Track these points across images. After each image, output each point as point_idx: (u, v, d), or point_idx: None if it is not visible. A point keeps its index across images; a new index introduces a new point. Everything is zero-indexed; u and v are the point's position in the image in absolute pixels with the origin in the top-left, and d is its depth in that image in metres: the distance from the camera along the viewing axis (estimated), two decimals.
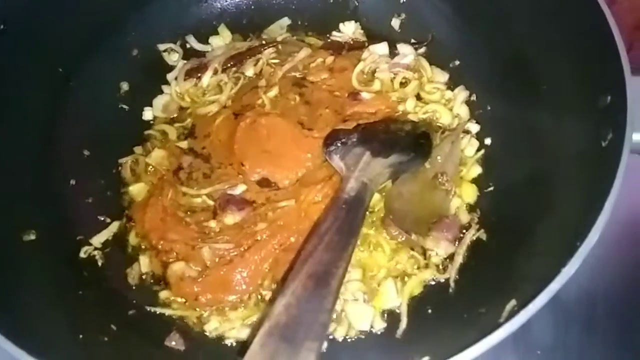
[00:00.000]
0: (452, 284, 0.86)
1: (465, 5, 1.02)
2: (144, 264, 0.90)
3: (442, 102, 1.04)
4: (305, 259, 0.70)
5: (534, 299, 0.59)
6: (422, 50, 1.10)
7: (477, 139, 0.99)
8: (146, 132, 1.03)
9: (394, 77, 1.06)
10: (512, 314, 0.62)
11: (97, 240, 0.92)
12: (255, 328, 0.82)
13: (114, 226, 0.94)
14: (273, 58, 1.09)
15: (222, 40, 1.13)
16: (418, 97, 1.05)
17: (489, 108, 1.01)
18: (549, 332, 0.94)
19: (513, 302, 0.66)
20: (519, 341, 0.93)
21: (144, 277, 0.89)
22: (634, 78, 0.68)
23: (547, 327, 0.94)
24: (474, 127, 1.00)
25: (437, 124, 1.01)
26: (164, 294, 0.87)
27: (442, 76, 1.07)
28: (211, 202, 0.93)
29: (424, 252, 0.90)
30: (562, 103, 0.82)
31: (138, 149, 1.02)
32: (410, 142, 0.96)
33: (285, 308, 0.64)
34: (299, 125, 1.00)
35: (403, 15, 1.13)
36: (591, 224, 0.61)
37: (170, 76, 1.08)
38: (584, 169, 0.73)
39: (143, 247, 0.92)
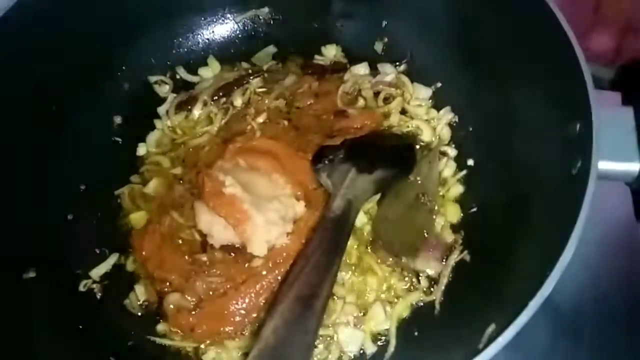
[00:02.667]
0: (437, 305, 0.89)
1: (445, 30, 1.05)
2: (140, 292, 0.93)
3: (425, 118, 1.07)
4: (293, 281, 0.74)
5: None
6: (402, 68, 1.13)
7: (459, 160, 1.02)
8: (141, 169, 1.06)
9: (378, 94, 1.10)
10: (491, 338, 0.65)
11: (96, 273, 0.95)
12: None
13: (112, 258, 0.97)
14: (260, 87, 1.12)
15: (210, 72, 1.16)
16: (403, 112, 1.08)
17: (471, 129, 1.03)
18: (539, 345, 0.97)
19: (493, 327, 0.69)
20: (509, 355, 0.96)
21: (143, 306, 0.92)
22: (599, 108, 0.71)
23: (536, 342, 0.97)
24: (452, 151, 1.03)
25: (419, 140, 1.05)
26: (161, 327, 0.90)
27: (425, 92, 1.10)
28: (198, 237, 0.95)
29: (416, 274, 0.93)
30: (537, 129, 0.84)
31: (135, 178, 1.05)
32: (395, 156, 0.99)
33: (273, 331, 0.68)
34: (291, 147, 1.03)
35: (385, 39, 1.16)
36: (559, 253, 0.64)
37: (161, 110, 1.11)
38: (557, 196, 0.75)
39: (139, 274, 0.95)
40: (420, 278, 0.92)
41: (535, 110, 0.85)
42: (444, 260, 0.93)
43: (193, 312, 0.88)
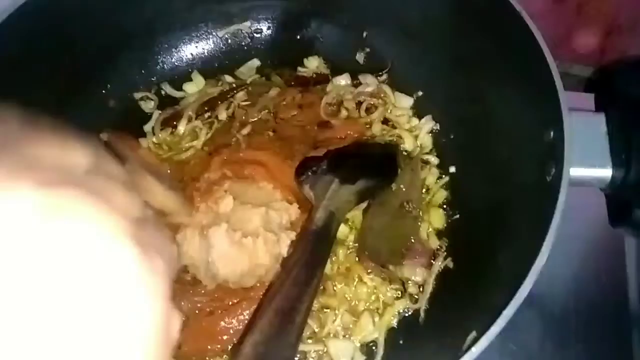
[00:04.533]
0: (422, 313, 0.90)
1: (425, 40, 1.06)
2: None
3: (407, 127, 1.09)
4: (273, 294, 0.74)
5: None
6: (384, 78, 1.15)
7: (441, 167, 1.03)
8: None
9: (360, 105, 1.11)
10: (471, 346, 0.66)
11: None
12: None
13: None
14: (244, 100, 1.13)
15: (195, 87, 1.17)
16: (385, 122, 1.10)
17: (452, 137, 1.05)
18: (526, 348, 0.98)
19: (474, 334, 0.69)
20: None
21: None
22: (571, 115, 0.72)
23: (524, 345, 0.98)
24: (434, 159, 1.04)
25: (402, 149, 1.06)
26: None
27: (407, 101, 1.11)
28: None
29: (403, 282, 0.93)
30: (515, 136, 0.85)
31: None
32: (377, 165, 1.00)
33: (253, 346, 0.68)
34: (278, 156, 1.03)
35: (367, 49, 1.17)
36: (532, 261, 0.64)
37: (146, 127, 1.12)
38: (533, 203, 0.76)
39: None
40: (407, 286, 0.93)
41: (512, 117, 0.86)
42: (429, 268, 0.93)
43: (180, 331, 0.87)
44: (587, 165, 0.73)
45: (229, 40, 1.21)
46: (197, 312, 0.89)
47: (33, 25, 0.96)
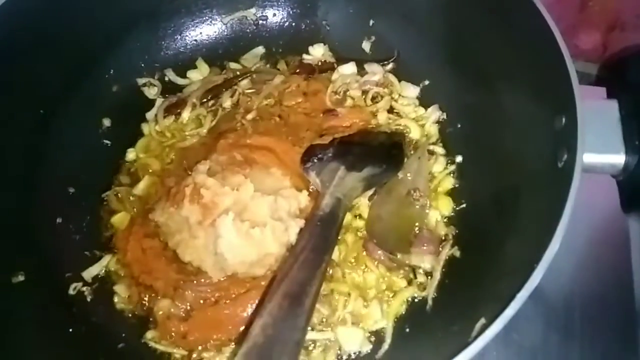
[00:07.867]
0: (429, 301, 0.89)
1: (432, 28, 1.05)
2: (121, 290, 0.92)
3: (413, 116, 1.08)
4: (282, 278, 0.74)
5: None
6: (390, 66, 1.14)
7: (448, 156, 1.03)
8: (131, 170, 1.06)
9: (366, 93, 1.11)
10: (481, 332, 0.65)
11: (88, 274, 0.94)
12: None
13: (105, 260, 0.95)
14: (249, 88, 1.12)
15: (199, 74, 1.16)
16: (391, 111, 1.09)
17: (459, 126, 1.04)
18: (530, 340, 0.97)
19: (482, 321, 0.68)
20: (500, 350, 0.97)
21: (133, 307, 0.91)
22: (584, 101, 0.71)
23: (528, 337, 0.97)
24: (440, 149, 1.03)
25: (408, 137, 1.05)
26: (150, 334, 0.88)
27: (413, 90, 1.11)
28: None
29: (413, 269, 0.93)
30: (524, 124, 0.85)
31: (124, 179, 1.04)
32: (383, 153, 1.00)
33: (262, 329, 0.67)
34: (287, 142, 1.03)
35: (373, 38, 1.16)
36: (545, 247, 0.64)
37: (149, 115, 1.10)
38: (544, 190, 0.75)
39: (121, 274, 0.94)
40: (417, 273, 0.92)
41: (522, 105, 0.86)
42: (437, 255, 0.93)
43: (184, 320, 0.86)
44: (600, 152, 0.73)
45: (234, 27, 1.20)
46: (201, 302, 0.87)
47: (40, 9, 0.94)
